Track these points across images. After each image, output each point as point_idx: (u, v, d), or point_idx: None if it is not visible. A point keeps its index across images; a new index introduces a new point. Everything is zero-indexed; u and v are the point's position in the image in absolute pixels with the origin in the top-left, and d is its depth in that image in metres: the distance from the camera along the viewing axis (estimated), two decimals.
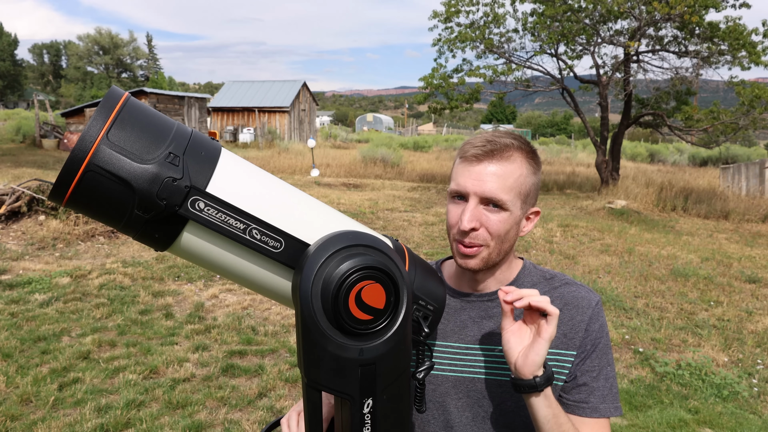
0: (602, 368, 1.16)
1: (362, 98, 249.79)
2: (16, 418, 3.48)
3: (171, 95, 29.11)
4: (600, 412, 1.14)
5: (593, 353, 1.16)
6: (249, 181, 0.85)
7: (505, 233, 1.11)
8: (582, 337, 1.16)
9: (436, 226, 9.80)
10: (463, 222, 1.08)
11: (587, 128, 15.83)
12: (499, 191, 1.07)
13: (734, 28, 13.44)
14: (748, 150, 28.56)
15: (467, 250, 1.10)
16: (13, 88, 69.16)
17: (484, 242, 1.10)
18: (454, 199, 1.13)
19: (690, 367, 4.60)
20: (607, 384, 1.16)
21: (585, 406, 1.14)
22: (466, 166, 1.10)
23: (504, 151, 1.09)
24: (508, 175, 1.08)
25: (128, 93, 0.81)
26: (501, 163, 1.08)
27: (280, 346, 4.75)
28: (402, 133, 51.95)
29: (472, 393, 1.17)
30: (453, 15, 15.46)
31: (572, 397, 1.15)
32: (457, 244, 1.12)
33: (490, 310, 1.19)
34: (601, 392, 1.15)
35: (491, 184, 1.07)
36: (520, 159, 1.10)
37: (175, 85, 77.83)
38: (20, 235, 7.70)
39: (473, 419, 1.17)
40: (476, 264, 1.12)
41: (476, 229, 1.09)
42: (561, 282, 1.22)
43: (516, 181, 1.09)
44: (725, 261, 8.16)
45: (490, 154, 1.08)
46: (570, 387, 1.15)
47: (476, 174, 1.08)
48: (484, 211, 1.09)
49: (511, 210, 1.09)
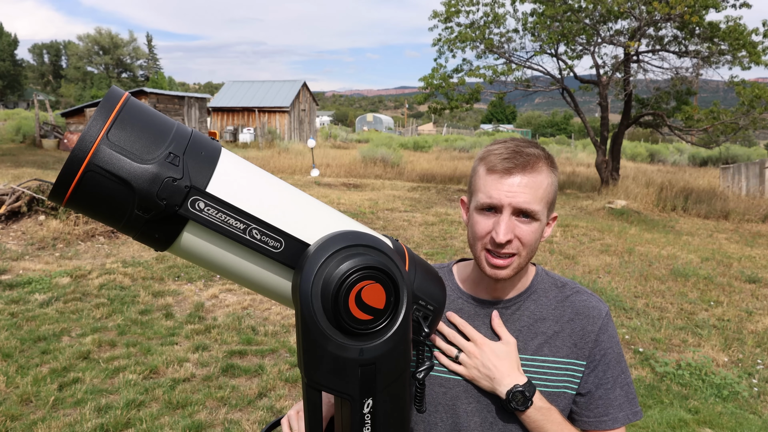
0: (616, 378, 1.19)
1: (362, 98, 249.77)
2: (16, 418, 3.48)
3: (171, 95, 29.10)
4: (620, 422, 1.18)
5: (605, 364, 1.19)
6: (249, 181, 0.85)
7: (536, 242, 1.14)
8: (591, 347, 1.19)
9: (436, 226, 9.80)
10: (499, 235, 1.09)
11: (587, 128, 15.83)
12: (532, 203, 1.10)
13: (734, 28, 13.44)
14: (748, 150, 28.55)
15: (500, 261, 1.12)
16: (13, 88, 69.16)
17: (517, 251, 1.12)
18: (482, 211, 1.14)
19: (690, 367, 4.60)
20: (623, 392, 1.19)
21: (606, 419, 1.18)
22: (497, 179, 1.11)
23: (534, 163, 1.11)
24: (538, 186, 1.11)
25: (128, 93, 0.81)
26: (531, 174, 1.10)
27: (280, 346, 4.75)
28: (402, 133, 51.94)
29: (482, 398, 1.18)
30: (453, 15, 15.46)
31: (592, 414, 1.18)
32: (486, 254, 1.13)
33: (506, 317, 1.21)
34: (618, 402, 1.18)
35: (525, 196, 1.09)
36: (546, 169, 1.13)
37: (175, 85, 77.82)
38: (20, 235, 7.70)
39: (481, 424, 1.18)
40: (508, 274, 1.14)
41: (511, 240, 1.11)
42: (572, 290, 1.25)
43: (545, 191, 1.12)
44: (725, 261, 8.16)
45: (521, 168, 1.10)
46: (587, 402, 1.18)
47: (509, 186, 1.10)
48: (517, 222, 1.11)
49: (541, 219, 1.12)
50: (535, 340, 1.19)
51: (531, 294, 1.23)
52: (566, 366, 1.17)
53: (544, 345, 1.18)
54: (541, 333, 1.19)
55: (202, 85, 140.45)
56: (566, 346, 1.18)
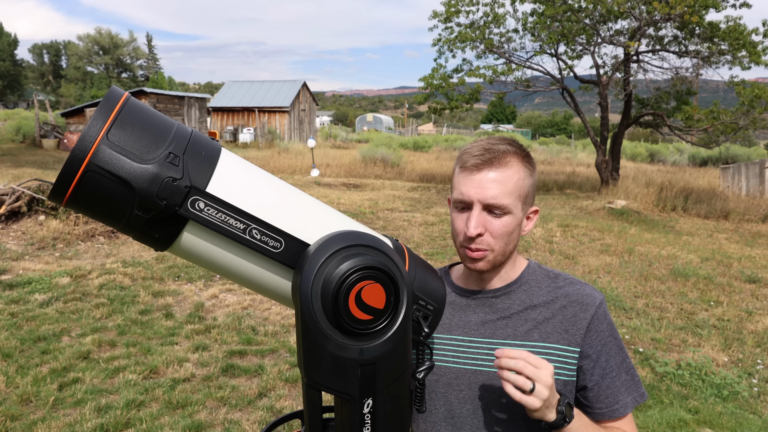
0: (620, 364, 1.21)
1: (362, 98, 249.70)
2: (16, 418, 3.48)
3: (171, 95, 29.09)
4: (630, 406, 1.20)
5: (607, 354, 1.20)
6: (249, 181, 0.85)
7: (509, 235, 1.16)
8: (584, 334, 1.19)
9: (436, 226, 9.80)
10: (469, 229, 1.13)
11: (587, 128, 15.83)
12: (500, 197, 1.13)
13: (734, 27, 13.44)
14: (748, 150, 28.54)
15: (474, 254, 1.16)
16: (13, 88, 69.13)
17: (489, 246, 1.15)
18: (457, 208, 1.17)
19: (690, 367, 4.59)
20: (628, 376, 1.22)
21: (617, 407, 1.19)
22: (467, 176, 1.15)
23: (502, 158, 1.14)
24: (507, 180, 1.14)
25: (128, 93, 0.81)
26: (500, 169, 1.14)
27: (280, 346, 4.75)
28: (402, 133, 51.92)
29: (473, 385, 1.20)
30: (453, 15, 15.46)
31: (603, 404, 1.19)
32: (464, 249, 1.17)
33: (494, 305, 1.24)
34: (626, 386, 1.21)
35: (493, 191, 1.13)
36: (516, 163, 1.16)
37: (175, 85, 77.75)
38: (20, 235, 7.70)
39: (473, 411, 1.20)
40: (484, 266, 1.18)
41: (482, 234, 1.14)
42: (565, 281, 1.26)
43: (515, 185, 1.15)
44: (725, 261, 8.16)
45: (489, 163, 1.14)
46: (596, 395, 1.19)
47: (478, 182, 1.14)
48: (488, 216, 1.14)
49: (513, 213, 1.15)
50: (525, 326, 1.20)
51: (522, 284, 1.25)
52: (557, 351, 1.18)
53: (534, 330, 1.20)
54: (531, 319, 1.21)
55: (202, 85, 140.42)
56: (557, 332, 1.19)
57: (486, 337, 1.21)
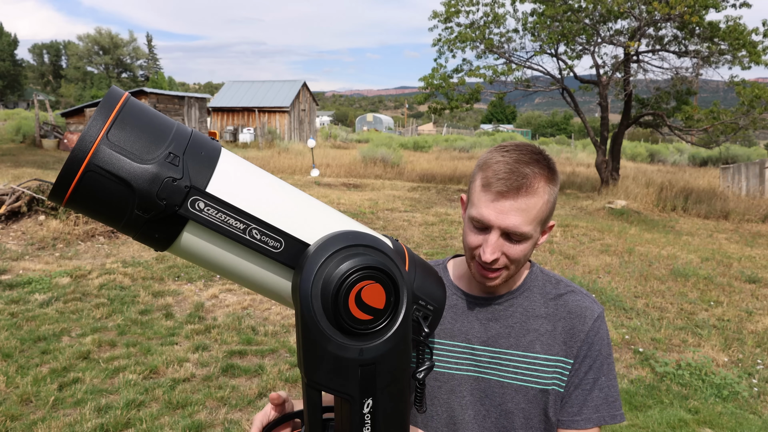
0: (597, 380, 1.17)
1: (362, 98, 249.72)
2: (16, 418, 3.48)
3: (171, 95, 29.10)
4: (594, 422, 1.16)
5: (587, 366, 1.18)
6: (249, 181, 0.85)
7: (525, 256, 1.13)
8: (578, 346, 1.18)
9: (436, 226, 9.80)
10: (485, 254, 1.09)
11: (587, 128, 15.83)
12: (522, 225, 1.08)
13: (734, 27, 13.44)
14: (748, 150, 28.53)
15: (489, 274, 1.14)
16: (13, 88, 69.17)
17: (504, 265, 1.12)
18: (473, 224, 1.12)
19: (690, 367, 4.60)
20: (601, 395, 1.17)
21: (579, 419, 1.16)
22: (489, 199, 1.09)
23: (529, 186, 1.07)
24: (531, 208, 1.08)
25: (128, 93, 0.81)
26: (526, 197, 1.07)
27: (280, 346, 4.75)
28: (402, 133, 51.94)
29: (475, 392, 1.19)
30: (453, 15, 15.46)
31: (566, 413, 1.17)
32: (478, 266, 1.14)
33: (498, 312, 1.22)
34: (595, 403, 1.16)
35: (515, 219, 1.07)
36: (543, 187, 1.09)
37: (175, 85, 77.78)
38: (20, 235, 7.70)
39: (475, 417, 1.19)
40: (496, 284, 1.16)
41: (498, 258, 1.11)
42: (567, 289, 1.25)
43: (539, 211, 1.09)
44: (725, 261, 8.16)
45: (515, 191, 1.07)
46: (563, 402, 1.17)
47: (500, 208, 1.08)
48: (506, 242, 1.10)
49: (532, 237, 1.11)
50: (527, 337, 1.19)
51: (524, 291, 1.23)
52: (556, 363, 1.17)
53: (536, 342, 1.19)
54: (533, 330, 1.19)
55: (202, 85, 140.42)
56: (557, 344, 1.18)
57: (489, 345, 1.20)
